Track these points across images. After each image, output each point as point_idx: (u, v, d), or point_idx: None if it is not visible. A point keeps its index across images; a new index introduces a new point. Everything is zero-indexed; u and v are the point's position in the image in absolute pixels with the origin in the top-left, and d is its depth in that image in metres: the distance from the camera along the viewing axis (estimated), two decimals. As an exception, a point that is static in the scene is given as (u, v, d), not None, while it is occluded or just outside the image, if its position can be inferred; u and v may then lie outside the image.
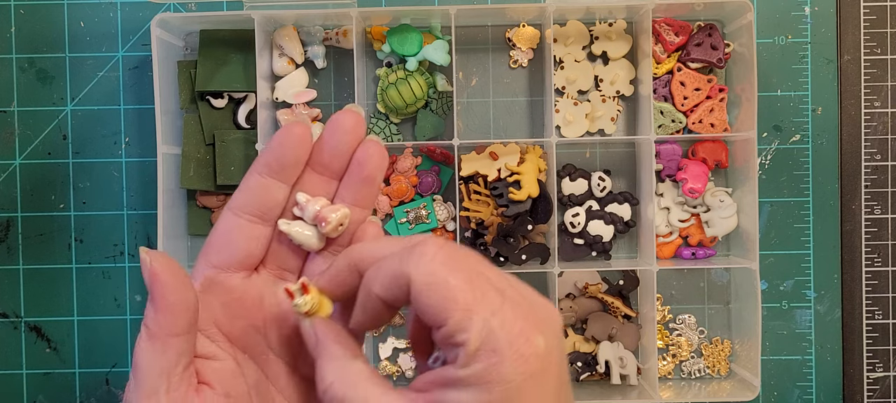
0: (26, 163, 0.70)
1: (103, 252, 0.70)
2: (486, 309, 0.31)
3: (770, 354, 0.70)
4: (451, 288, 0.31)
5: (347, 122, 0.37)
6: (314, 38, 0.68)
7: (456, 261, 0.32)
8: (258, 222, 0.37)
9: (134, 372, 0.34)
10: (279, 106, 0.69)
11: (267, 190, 0.37)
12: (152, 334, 0.34)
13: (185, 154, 0.68)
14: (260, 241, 0.38)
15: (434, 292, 0.31)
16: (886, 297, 0.69)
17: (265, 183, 0.37)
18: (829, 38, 0.70)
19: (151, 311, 0.34)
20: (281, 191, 0.37)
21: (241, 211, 0.37)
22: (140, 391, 0.34)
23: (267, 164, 0.37)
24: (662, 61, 0.68)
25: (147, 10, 0.69)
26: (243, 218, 0.37)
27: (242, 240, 0.37)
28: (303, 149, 0.37)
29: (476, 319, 0.31)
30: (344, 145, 0.38)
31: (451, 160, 0.69)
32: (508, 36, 0.70)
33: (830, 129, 0.70)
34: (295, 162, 0.37)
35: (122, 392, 0.70)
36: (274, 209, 0.38)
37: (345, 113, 0.38)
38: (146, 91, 0.69)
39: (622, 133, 0.70)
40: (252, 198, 0.37)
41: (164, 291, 0.34)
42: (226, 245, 0.37)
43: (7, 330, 0.70)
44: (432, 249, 0.32)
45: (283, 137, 0.37)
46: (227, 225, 0.37)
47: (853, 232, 0.69)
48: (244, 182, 0.37)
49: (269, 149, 0.37)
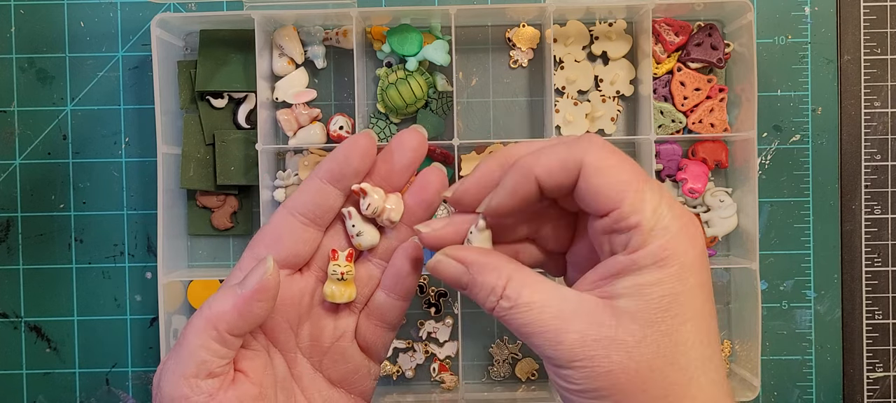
0: (26, 163, 0.70)
1: (103, 252, 0.70)
2: (656, 193, 0.33)
3: (770, 354, 0.70)
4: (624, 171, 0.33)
5: (412, 141, 0.40)
6: (314, 38, 0.68)
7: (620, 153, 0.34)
8: (310, 225, 0.39)
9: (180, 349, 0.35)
10: (279, 106, 0.69)
11: (325, 195, 0.39)
12: (213, 324, 0.35)
13: (185, 154, 0.68)
14: (308, 244, 0.39)
15: (607, 175, 0.33)
16: (886, 297, 0.69)
17: (324, 188, 0.39)
18: (829, 38, 0.70)
19: (230, 307, 0.35)
20: (337, 198, 0.39)
21: (297, 211, 0.38)
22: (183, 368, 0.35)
23: (329, 171, 0.38)
24: (662, 61, 0.68)
25: (147, 10, 0.69)
26: (297, 219, 0.39)
27: (292, 241, 0.38)
28: (367, 162, 0.39)
29: (649, 199, 0.32)
30: (406, 161, 0.40)
31: (451, 160, 0.69)
32: (508, 36, 0.70)
33: (830, 129, 0.70)
34: (356, 173, 0.39)
35: (122, 392, 0.70)
36: (327, 214, 0.39)
37: (410, 132, 0.40)
38: (146, 91, 0.69)
39: (622, 133, 0.70)
40: (309, 201, 0.38)
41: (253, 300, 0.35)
42: (275, 242, 0.38)
43: (7, 330, 0.70)
44: (600, 140, 0.34)
45: (349, 149, 0.38)
46: (280, 223, 0.39)
47: (853, 232, 0.69)
48: (305, 184, 0.39)
49: (334, 157, 0.39)
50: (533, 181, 0.34)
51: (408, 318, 0.70)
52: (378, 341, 0.41)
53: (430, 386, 0.70)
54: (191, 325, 0.35)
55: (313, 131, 0.68)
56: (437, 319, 0.70)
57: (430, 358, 0.70)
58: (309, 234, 0.39)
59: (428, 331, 0.70)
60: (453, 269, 0.36)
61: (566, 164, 0.33)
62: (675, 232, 0.32)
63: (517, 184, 0.34)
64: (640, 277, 0.32)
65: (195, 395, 0.34)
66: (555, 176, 0.34)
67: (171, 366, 0.35)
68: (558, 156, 0.34)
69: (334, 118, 0.68)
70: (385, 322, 0.41)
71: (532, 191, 0.34)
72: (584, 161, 0.33)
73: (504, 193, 0.35)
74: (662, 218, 0.32)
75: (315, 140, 0.68)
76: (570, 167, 0.33)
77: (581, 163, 0.33)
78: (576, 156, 0.33)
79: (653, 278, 0.32)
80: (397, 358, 0.70)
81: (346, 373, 0.40)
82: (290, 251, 0.38)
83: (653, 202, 0.32)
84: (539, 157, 0.34)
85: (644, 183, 0.33)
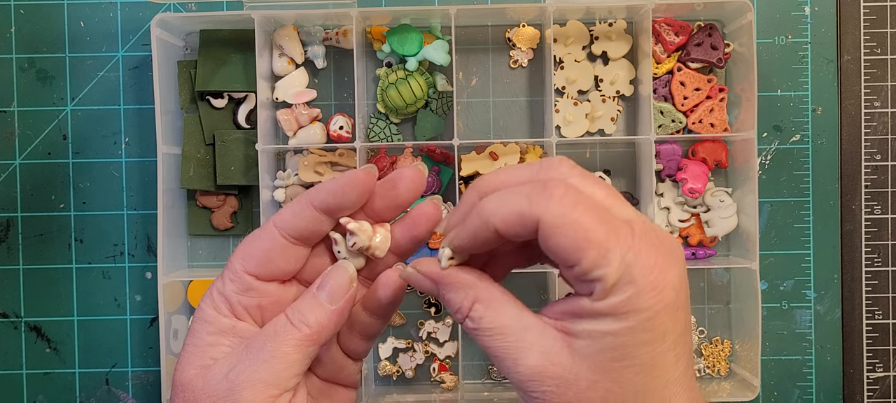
0: (26, 163, 0.70)
1: (103, 252, 0.70)
2: (622, 245, 0.31)
3: (770, 354, 0.70)
4: (585, 228, 0.31)
5: (413, 181, 0.39)
6: (314, 38, 0.68)
7: (586, 199, 0.32)
8: (299, 244, 0.39)
9: (273, 359, 0.36)
10: (279, 106, 0.69)
11: (318, 223, 0.38)
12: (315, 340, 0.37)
13: (185, 154, 0.68)
14: (299, 261, 0.39)
15: (567, 233, 0.32)
16: (886, 297, 0.69)
17: (318, 217, 0.38)
18: (829, 38, 0.70)
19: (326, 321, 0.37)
20: (329, 225, 0.39)
21: (288, 233, 0.38)
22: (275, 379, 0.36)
23: (324, 203, 0.38)
24: (662, 61, 0.68)
25: (147, 10, 0.69)
26: (287, 240, 0.38)
27: (282, 261, 0.39)
28: (363, 198, 0.39)
29: (612, 256, 0.31)
30: (403, 200, 0.40)
31: (451, 160, 0.69)
32: (508, 36, 0.70)
33: (830, 129, 0.70)
34: (351, 206, 0.39)
35: (122, 392, 0.70)
36: (316, 237, 0.39)
37: (412, 170, 0.39)
38: (146, 91, 0.69)
39: (622, 133, 0.70)
40: (301, 226, 0.38)
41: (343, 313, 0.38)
42: (265, 262, 0.38)
43: (7, 330, 0.70)
44: (561, 190, 0.32)
45: (347, 184, 0.38)
46: (269, 242, 0.38)
47: (853, 232, 0.69)
48: (297, 207, 0.38)
49: (331, 190, 0.38)
50: (492, 230, 0.34)
51: (408, 318, 0.70)
52: (359, 348, 0.42)
53: (430, 386, 0.70)
54: (282, 339, 0.36)
55: (313, 131, 0.68)
56: (437, 319, 0.70)
57: (430, 358, 0.70)
58: (299, 252, 0.39)
59: (428, 331, 0.70)
60: (424, 284, 0.37)
61: (524, 220, 0.33)
62: (641, 288, 0.31)
63: (477, 230, 0.34)
64: (598, 324, 0.32)
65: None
66: (512, 228, 0.33)
67: (252, 373, 0.35)
68: (517, 209, 0.33)
69: (334, 118, 0.68)
70: (365, 335, 0.42)
71: (491, 237, 0.34)
72: (542, 219, 0.32)
73: (465, 235, 0.35)
74: (628, 272, 0.31)
75: (315, 140, 0.68)
76: (528, 223, 0.32)
77: (538, 220, 0.32)
78: (534, 212, 0.32)
79: (609, 328, 0.32)
80: (397, 358, 0.70)
81: (333, 372, 0.42)
82: (281, 269, 0.39)
83: (619, 254, 0.31)
84: (499, 208, 0.33)
85: (611, 235, 0.31)
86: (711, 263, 0.67)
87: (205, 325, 0.38)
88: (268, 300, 0.38)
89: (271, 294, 0.38)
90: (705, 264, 0.67)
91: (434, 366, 0.70)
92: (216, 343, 0.37)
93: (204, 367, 0.37)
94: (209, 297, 0.38)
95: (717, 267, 0.69)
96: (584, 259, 0.31)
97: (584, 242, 0.31)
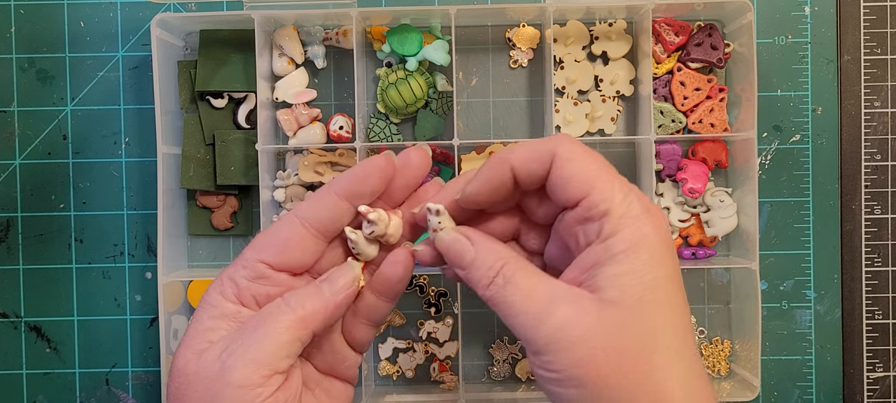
0: (26, 163, 0.70)
1: (103, 252, 0.70)
2: (623, 186, 0.36)
3: (770, 354, 0.70)
4: (593, 162, 0.36)
5: (418, 160, 0.41)
6: (314, 38, 0.68)
7: (592, 150, 0.37)
8: (319, 237, 0.40)
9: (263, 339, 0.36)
10: (279, 106, 0.69)
11: (340, 210, 0.39)
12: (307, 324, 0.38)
13: (185, 154, 0.68)
14: (314, 255, 0.40)
15: (578, 164, 0.36)
16: (886, 297, 0.69)
17: (340, 204, 0.39)
18: (829, 38, 0.70)
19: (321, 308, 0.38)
20: (349, 214, 0.40)
21: (309, 223, 0.39)
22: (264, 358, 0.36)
23: (346, 188, 0.39)
24: (662, 61, 0.68)
25: (147, 10, 0.69)
26: (308, 231, 0.39)
27: (299, 252, 0.39)
28: (384, 183, 0.40)
29: (617, 188, 0.35)
30: (411, 181, 0.41)
31: (451, 160, 0.69)
32: (508, 36, 0.70)
33: (830, 129, 0.70)
34: (372, 192, 0.40)
35: (122, 392, 0.70)
36: (336, 228, 0.40)
37: (417, 151, 0.41)
38: (146, 91, 0.69)
39: (622, 133, 0.70)
40: (323, 215, 0.39)
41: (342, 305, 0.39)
42: (282, 251, 0.39)
43: (7, 330, 0.70)
44: (572, 137, 0.37)
45: (369, 169, 0.39)
46: (288, 232, 0.39)
47: (853, 232, 0.69)
48: (320, 197, 0.39)
49: (352, 175, 0.39)
50: (508, 170, 0.37)
51: (408, 318, 0.70)
52: (363, 337, 0.43)
53: (430, 386, 0.70)
54: (275, 319, 0.37)
55: (313, 131, 0.68)
56: (437, 319, 0.70)
57: (430, 358, 0.70)
58: (316, 245, 0.40)
59: (428, 331, 0.70)
60: (460, 244, 0.38)
61: (540, 155, 0.36)
62: (644, 221, 0.34)
63: (493, 173, 0.37)
64: (615, 267, 0.34)
65: (267, 388, 0.36)
66: (528, 164, 0.36)
67: (244, 352, 0.36)
68: (533, 147, 0.37)
69: (334, 118, 0.68)
70: (371, 320, 0.42)
71: (507, 179, 0.37)
72: (556, 152, 0.36)
73: (480, 180, 0.38)
74: (632, 207, 0.35)
75: (315, 140, 0.68)
76: (544, 157, 0.36)
77: (553, 153, 0.36)
78: (549, 147, 0.36)
79: (627, 267, 0.34)
80: (397, 358, 0.70)
81: (333, 363, 0.42)
82: (296, 260, 0.39)
83: (621, 191, 0.35)
84: (514, 149, 0.37)
85: (614, 177, 0.36)
86: (711, 263, 0.67)
87: (208, 309, 0.38)
88: (278, 290, 0.39)
89: (282, 283, 0.39)
90: (705, 264, 0.67)
91: (434, 366, 0.70)
92: (215, 327, 0.37)
93: (200, 351, 0.37)
94: (218, 282, 0.38)
95: (717, 267, 0.69)
96: (594, 189, 0.35)
97: (593, 174, 0.35)
